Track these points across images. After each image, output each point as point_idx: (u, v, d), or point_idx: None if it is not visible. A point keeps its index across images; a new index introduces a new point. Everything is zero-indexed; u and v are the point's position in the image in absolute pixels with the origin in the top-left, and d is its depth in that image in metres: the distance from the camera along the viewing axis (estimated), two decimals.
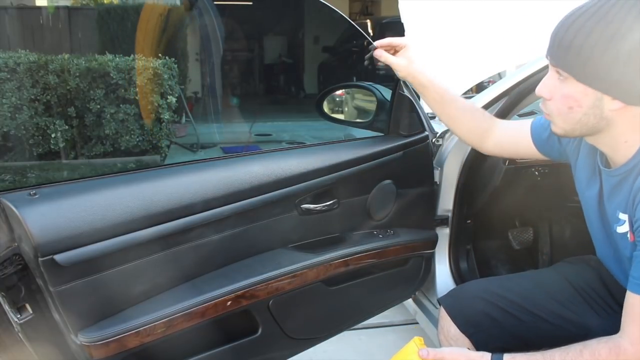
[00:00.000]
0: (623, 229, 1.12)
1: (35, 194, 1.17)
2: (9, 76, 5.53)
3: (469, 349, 1.28)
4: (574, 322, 1.36)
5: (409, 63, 1.46)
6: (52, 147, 5.61)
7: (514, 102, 1.74)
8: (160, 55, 6.13)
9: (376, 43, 1.46)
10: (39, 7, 8.51)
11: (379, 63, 1.49)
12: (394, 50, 1.46)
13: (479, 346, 1.39)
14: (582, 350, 1.07)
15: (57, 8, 8.11)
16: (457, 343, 1.40)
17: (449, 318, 1.44)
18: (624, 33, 0.96)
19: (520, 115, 2.10)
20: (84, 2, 8.93)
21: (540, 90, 1.12)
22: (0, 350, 1.23)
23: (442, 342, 1.46)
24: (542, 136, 1.38)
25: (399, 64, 1.44)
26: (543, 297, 1.41)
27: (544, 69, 1.34)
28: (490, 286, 1.47)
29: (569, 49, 1.02)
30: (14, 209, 1.12)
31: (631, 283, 1.06)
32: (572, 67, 1.04)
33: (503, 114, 1.81)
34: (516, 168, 1.89)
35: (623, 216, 1.12)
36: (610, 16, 0.97)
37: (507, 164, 1.88)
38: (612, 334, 1.09)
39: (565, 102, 1.08)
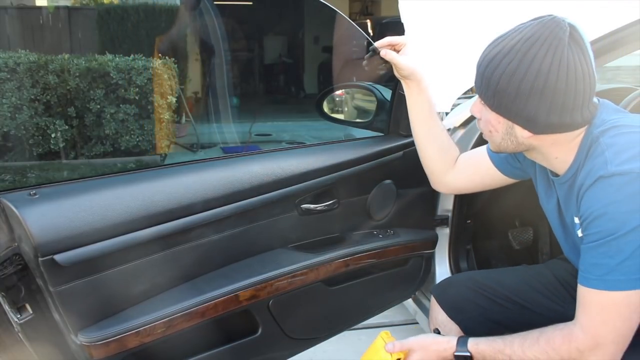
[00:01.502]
0: (581, 232, 1.15)
1: (35, 194, 1.17)
2: (9, 76, 5.53)
3: (438, 332, 1.33)
4: (558, 312, 1.40)
5: (412, 62, 1.45)
6: (52, 147, 5.60)
7: None
8: (159, 55, 6.13)
9: (377, 44, 1.46)
10: (39, 7, 8.50)
11: (382, 64, 1.48)
12: (394, 50, 1.46)
13: (467, 332, 1.44)
14: (538, 337, 1.14)
15: (57, 8, 8.11)
16: (445, 329, 1.46)
17: (438, 305, 1.50)
18: (524, 71, 1.02)
19: None
20: (84, 2, 8.93)
21: (471, 109, 1.20)
22: (1, 350, 1.23)
23: (432, 329, 1.49)
24: (501, 155, 1.40)
25: (403, 62, 1.44)
26: (527, 288, 1.47)
27: None
28: (478, 277, 1.53)
29: (482, 80, 1.10)
30: (14, 209, 1.12)
31: (580, 276, 1.11)
32: (485, 97, 1.11)
33: None
34: None
35: (577, 219, 1.15)
36: (513, 54, 1.04)
37: None
38: None
39: (486, 125, 1.16)
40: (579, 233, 1.15)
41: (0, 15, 7.60)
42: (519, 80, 1.03)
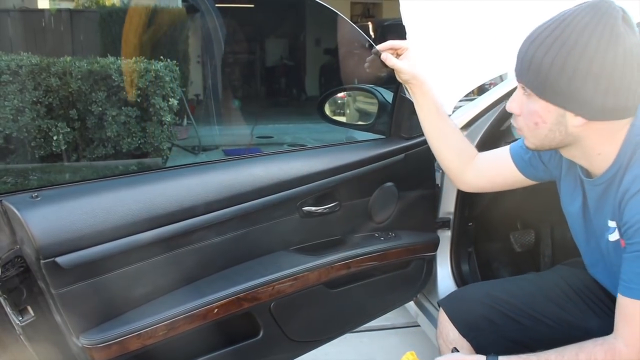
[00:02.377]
0: (614, 236, 1.13)
1: (37, 196, 1.17)
2: (11, 79, 5.55)
3: (457, 351, 1.28)
4: (573, 325, 1.37)
5: (413, 67, 1.43)
6: (54, 149, 5.62)
7: None
8: (161, 58, 6.14)
9: (379, 47, 1.45)
10: (41, 10, 8.53)
11: (383, 67, 1.48)
12: (396, 54, 1.46)
13: (479, 350, 1.38)
14: (577, 353, 1.08)
15: (59, 10, 8.13)
16: (456, 347, 1.39)
17: (449, 321, 1.43)
18: (580, 51, 0.99)
19: None
20: (85, 5, 8.96)
21: (509, 106, 1.14)
22: (2, 352, 1.23)
23: (441, 346, 1.45)
24: (524, 158, 1.37)
25: (404, 67, 1.42)
26: (544, 301, 1.41)
27: None
28: (491, 290, 1.47)
29: (530, 66, 1.05)
30: (16, 211, 1.12)
31: (621, 286, 1.07)
32: (533, 84, 1.06)
33: (505, 117, 1.81)
34: None
35: (612, 223, 1.13)
36: (567, 34, 1.00)
37: None
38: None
39: (531, 118, 1.10)
40: (611, 237, 1.13)
41: (2, 18, 7.63)
42: (574, 62, 0.99)
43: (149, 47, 6.39)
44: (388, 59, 1.43)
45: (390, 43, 1.44)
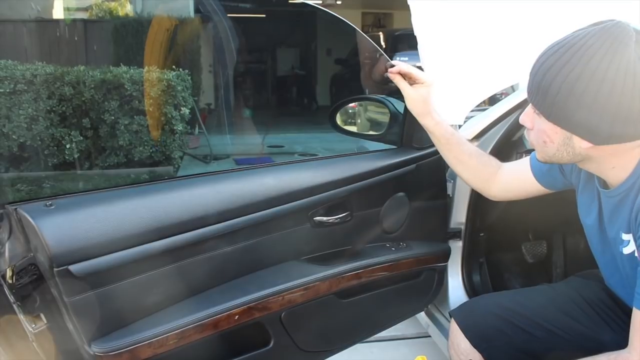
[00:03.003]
0: (629, 249, 1.12)
1: (51, 204, 1.19)
2: (26, 88, 5.61)
3: None
4: (587, 337, 1.35)
5: (422, 103, 1.43)
6: (67, 157, 5.66)
7: None
8: (173, 67, 6.18)
9: (397, 66, 1.42)
10: (56, 20, 8.64)
11: (389, 82, 1.47)
12: (409, 81, 1.44)
13: None
14: None
15: (74, 20, 8.24)
16: (467, 358, 1.39)
17: (460, 332, 1.43)
18: (587, 79, 0.97)
19: None
20: (100, 15, 9.07)
21: (522, 119, 1.15)
22: (15, 359, 1.24)
23: (452, 357, 1.45)
24: (542, 169, 1.37)
25: (411, 96, 1.42)
26: (556, 312, 1.40)
27: None
28: (502, 301, 1.46)
29: (538, 89, 1.05)
30: (30, 219, 1.13)
31: (636, 300, 1.06)
32: (541, 106, 1.06)
33: (517, 127, 1.80)
34: None
35: (626, 236, 1.11)
36: (575, 61, 0.98)
37: None
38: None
39: (540, 135, 1.11)
40: (625, 250, 1.12)
41: (18, 28, 7.73)
42: (581, 89, 0.97)
43: (170, 57, 6.45)
44: (396, 77, 1.42)
45: (408, 70, 1.42)
